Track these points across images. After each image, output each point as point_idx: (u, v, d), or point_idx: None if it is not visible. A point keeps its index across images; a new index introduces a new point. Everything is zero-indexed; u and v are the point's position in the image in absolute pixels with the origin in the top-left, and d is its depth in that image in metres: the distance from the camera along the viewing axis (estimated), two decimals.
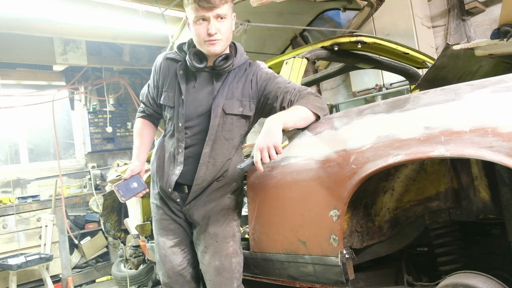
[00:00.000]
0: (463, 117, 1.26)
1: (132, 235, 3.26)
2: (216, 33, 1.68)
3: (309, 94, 1.76)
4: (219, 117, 1.77)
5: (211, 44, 1.70)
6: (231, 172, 1.83)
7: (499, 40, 1.73)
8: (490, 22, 3.61)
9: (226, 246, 1.80)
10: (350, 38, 2.21)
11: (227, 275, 1.79)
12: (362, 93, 4.20)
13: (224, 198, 1.83)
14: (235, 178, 1.85)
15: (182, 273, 1.91)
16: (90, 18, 4.04)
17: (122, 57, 5.68)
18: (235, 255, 1.82)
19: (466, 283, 1.38)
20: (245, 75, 1.82)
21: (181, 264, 1.91)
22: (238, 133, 1.83)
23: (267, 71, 1.85)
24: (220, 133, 1.78)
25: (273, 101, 1.77)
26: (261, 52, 3.63)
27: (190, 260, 1.93)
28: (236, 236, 1.84)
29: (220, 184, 1.82)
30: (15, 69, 5.11)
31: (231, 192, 1.85)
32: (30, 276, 4.32)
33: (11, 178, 4.96)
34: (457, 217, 1.62)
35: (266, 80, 1.81)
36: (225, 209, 1.83)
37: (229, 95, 1.78)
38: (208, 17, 1.67)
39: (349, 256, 1.60)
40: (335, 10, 3.52)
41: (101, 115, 5.70)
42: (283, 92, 1.75)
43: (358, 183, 1.49)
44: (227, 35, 1.74)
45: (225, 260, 1.79)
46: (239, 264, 1.83)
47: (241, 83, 1.81)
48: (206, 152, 1.77)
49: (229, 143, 1.81)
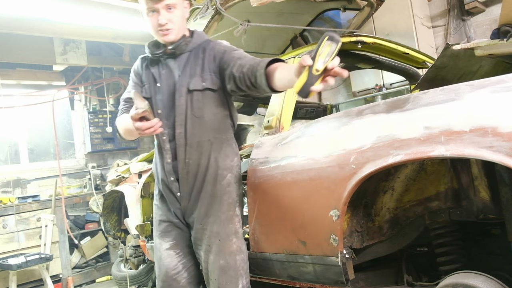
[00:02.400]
0: (463, 117, 1.26)
1: (132, 235, 3.26)
2: (166, 23, 1.78)
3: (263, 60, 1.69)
4: (184, 95, 1.81)
5: (163, 34, 1.81)
6: (223, 163, 1.82)
7: (499, 40, 1.73)
8: (490, 22, 3.61)
9: (229, 244, 1.79)
10: (350, 38, 2.21)
11: (232, 273, 1.77)
12: (362, 93, 4.20)
13: (222, 194, 1.81)
14: (229, 168, 1.83)
15: (175, 278, 1.87)
16: (90, 18, 4.04)
17: (122, 57, 5.68)
18: (239, 252, 1.80)
19: (466, 283, 1.38)
20: (204, 52, 1.86)
21: (175, 268, 1.87)
22: (209, 110, 1.82)
23: (225, 44, 1.87)
24: (190, 111, 1.80)
25: (226, 67, 1.79)
26: (261, 52, 3.62)
27: (186, 264, 1.89)
28: (238, 232, 1.83)
29: (213, 179, 1.80)
30: (15, 69, 5.11)
31: (227, 186, 1.82)
32: (30, 276, 4.32)
33: (11, 178, 4.95)
34: (457, 217, 1.62)
35: (223, 52, 1.82)
36: (225, 205, 1.81)
37: (192, 73, 1.83)
38: (157, 8, 1.77)
39: (349, 256, 1.60)
40: (335, 10, 3.51)
41: (101, 115, 5.69)
42: (236, 58, 1.77)
43: (358, 183, 1.49)
44: (179, 24, 1.82)
45: (230, 258, 1.78)
46: (243, 261, 1.81)
47: (200, 59, 1.84)
48: (180, 133, 1.80)
49: (201, 122, 1.80)
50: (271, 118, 2.05)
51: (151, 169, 3.14)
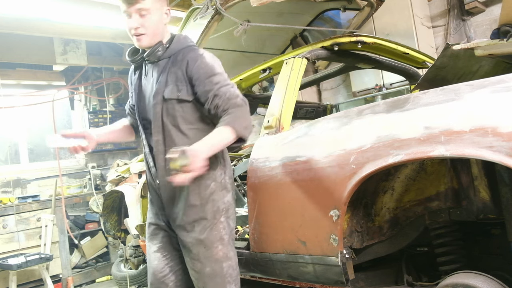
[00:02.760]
0: (463, 117, 1.26)
1: (132, 235, 3.26)
2: (138, 27, 1.74)
3: (235, 107, 1.68)
4: (160, 103, 1.78)
5: (136, 39, 1.77)
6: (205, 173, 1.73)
7: (499, 40, 1.73)
8: (490, 22, 3.61)
9: (215, 251, 1.75)
10: (350, 38, 2.21)
11: (219, 280, 1.75)
12: (362, 93, 4.20)
13: (206, 203, 1.77)
14: (211, 177, 1.78)
15: (163, 281, 1.87)
16: (90, 18, 4.04)
17: (122, 57, 5.67)
18: (225, 259, 1.77)
19: (466, 283, 1.38)
20: (182, 60, 1.79)
21: (162, 271, 1.87)
22: (182, 119, 1.77)
23: (206, 62, 1.76)
24: (166, 119, 1.78)
25: (203, 101, 1.74)
26: (261, 52, 3.63)
27: (173, 267, 1.88)
28: (224, 239, 1.78)
29: (195, 188, 1.76)
30: (15, 69, 5.10)
31: (211, 194, 1.78)
32: (30, 276, 4.32)
33: (11, 178, 4.95)
34: (457, 217, 1.62)
35: (199, 73, 1.74)
36: (209, 213, 1.77)
37: (169, 81, 1.78)
38: (130, 12, 1.74)
39: (349, 256, 1.60)
40: (335, 10, 3.52)
41: (101, 115, 5.69)
42: (213, 95, 1.70)
43: (358, 183, 1.49)
44: (152, 29, 1.76)
45: (216, 266, 1.75)
46: (231, 268, 1.78)
47: (178, 67, 1.78)
48: (157, 140, 1.78)
49: (177, 131, 1.77)
50: (271, 118, 2.05)
51: None
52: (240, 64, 3.43)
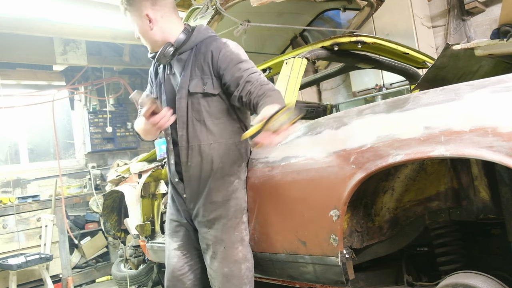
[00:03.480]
0: (463, 117, 1.26)
1: (132, 235, 3.26)
2: (139, 37, 1.85)
3: (272, 91, 1.62)
4: (185, 98, 1.76)
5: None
6: (229, 169, 1.77)
7: (499, 40, 1.73)
8: (490, 22, 3.61)
9: (235, 252, 1.75)
10: (350, 38, 2.21)
11: (236, 282, 1.74)
12: (362, 93, 4.20)
13: (228, 200, 1.78)
14: (236, 174, 1.79)
15: (181, 279, 1.87)
16: (90, 18, 4.04)
17: (122, 57, 5.67)
18: (244, 260, 1.77)
19: (466, 283, 1.38)
20: (206, 52, 1.76)
21: (181, 269, 1.87)
22: (211, 114, 1.76)
23: (231, 51, 1.73)
24: (190, 114, 1.77)
25: (234, 89, 1.70)
26: (261, 52, 3.63)
27: (193, 266, 1.89)
28: (244, 240, 1.79)
29: (218, 184, 1.77)
30: (15, 69, 5.10)
31: (234, 192, 1.79)
32: (30, 276, 4.32)
33: (11, 178, 4.95)
34: (457, 217, 1.62)
35: (226, 62, 1.71)
36: (231, 211, 1.77)
37: (193, 75, 1.77)
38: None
39: (349, 256, 1.60)
40: (335, 10, 3.52)
41: (101, 115, 5.69)
42: (245, 81, 1.66)
43: (358, 183, 1.49)
44: (146, 37, 1.82)
45: (234, 267, 1.74)
46: (248, 270, 1.78)
47: (202, 60, 1.76)
48: (182, 135, 1.78)
49: (201, 125, 1.76)
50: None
51: (151, 169, 3.15)
52: None
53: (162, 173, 3.15)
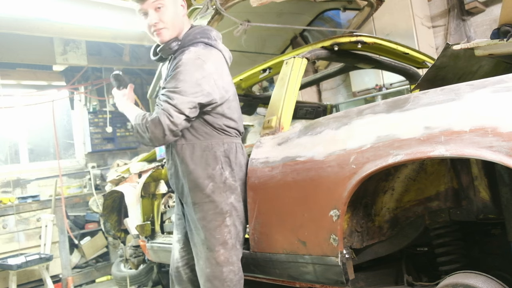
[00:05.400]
0: (463, 117, 1.26)
1: (132, 235, 3.26)
2: (157, 22, 1.75)
3: (151, 119, 1.66)
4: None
5: (157, 34, 1.79)
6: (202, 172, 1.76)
7: (499, 40, 1.72)
8: (490, 22, 3.60)
9: (216, 255, 1.75)
10: (350, 38, 2.21)
11: (218, 283, 1.75)
12: (362, 93, 4.20)
13: (204, 203, 1.77)
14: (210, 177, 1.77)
15: (179, 270, 1.94)
16: (90, 18, 4.04)
17: (122, 57, 5.67)
18: (226, 263, 1.76)
19: (466, 283, 1.38)
20: (176, 58, 1.78)
21: (180, 261, 1.95)
22: None
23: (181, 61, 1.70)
24: None
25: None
26: (261, 52, 3.63)
27: (189, 261, 1.92)
28: (227, 243, 1.77)
29: (193, 187, 1.77)
30: (15, 69, 5.10)
31: (209, 195, 1.76)
32: (30, 276, 4.32)
33: (11, 178, 4.95)
34: (457, 217, 1.62)
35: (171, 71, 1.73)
36: (209, 214, 1.76)
37: (166, 77, 1.83)
38: (146, 9, 1.75)
39: (349, 256, 1.60)
40: (335, 10, 3.52)
41: (101, 115, 5.69)
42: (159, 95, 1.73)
43: (358, 183, 1.49)
44: (171, 22, 1.78)
45: (216, 269, 1.75)
46: (232, 273, 1.76)
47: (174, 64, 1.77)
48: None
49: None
50: (271, 118, 2.05)
51: (151, 169, 3.15)
52: (240, 64, 3.43)
53: (162, 173, 3.15)
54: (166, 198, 3.13)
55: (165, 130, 1.63)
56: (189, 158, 1.77)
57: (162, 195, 3.13)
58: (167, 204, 3.10)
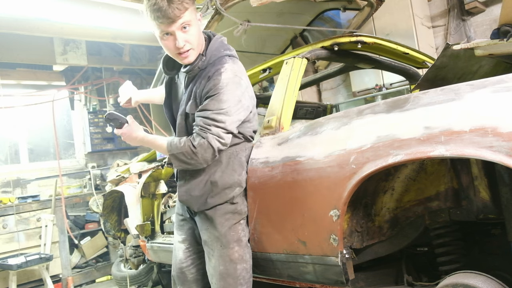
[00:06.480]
0: (463, 117, 1.26)
1: (132, 235, 3.26)
2: (184, 45, 1.65)
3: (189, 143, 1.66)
4: (183, 115, 1.80)
5: (183, 57, 1.69)
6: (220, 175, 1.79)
7: (499, 40, 1.73)
8: (490, 22, 3.60)
9: (230, 252, 1.78)
10: (350, 38, 2.21)
11: (231, 281, 1.76)
12: (362, 93, 4.20)
13: (229, 204, 1.81)
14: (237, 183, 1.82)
15: (183, 271, 1.93)
16: (90, 18, 4.04)
17: (122, 57, 5.67)
18: (240, 261, 1.78)
19: (466, 283, 1.38)
20: (207, 76, 1.72)
21: (184, 262, 1.94)
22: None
23: (217, 81, 1.66)
24: (185, 132, 1.80)
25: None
26: (261, 52, 3.63)
27: (195, 260, 1.93)
28: (242, 241, 1.81)
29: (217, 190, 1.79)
30: (15, 69, 5.11)
31: (234, 198, 1.82)
32: (30, 276, 4.32)
33: (11, 178, 4.95)
34: (457, 217, 1.62)
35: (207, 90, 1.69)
36: (228, 212, 1.81)
37: (192, 95, 1.76)
38: (172, 31, 1.63)
39: (349, 256, 1.60)
40: (335, 10, 3.52)
41: (101, 115, 5.69)
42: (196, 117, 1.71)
43: (358, 183, 1.49)
44: (197, 42, 1.69)
45: (230, 266, 1.77)
46: (245, 270, 1.79)
47: (202, 81, 1.73)
48: None
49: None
50: (271, 118, 2.05)
51: (151, 169, 3.15)
52: None
53: (162, 173, 3.15)
54: (166, 198, 3.13)
55: (215, 152, 1.67)
56: (216, 166, 1.78)
57: (162, 195, 3.13)
58: (167, 204, 3.11)
